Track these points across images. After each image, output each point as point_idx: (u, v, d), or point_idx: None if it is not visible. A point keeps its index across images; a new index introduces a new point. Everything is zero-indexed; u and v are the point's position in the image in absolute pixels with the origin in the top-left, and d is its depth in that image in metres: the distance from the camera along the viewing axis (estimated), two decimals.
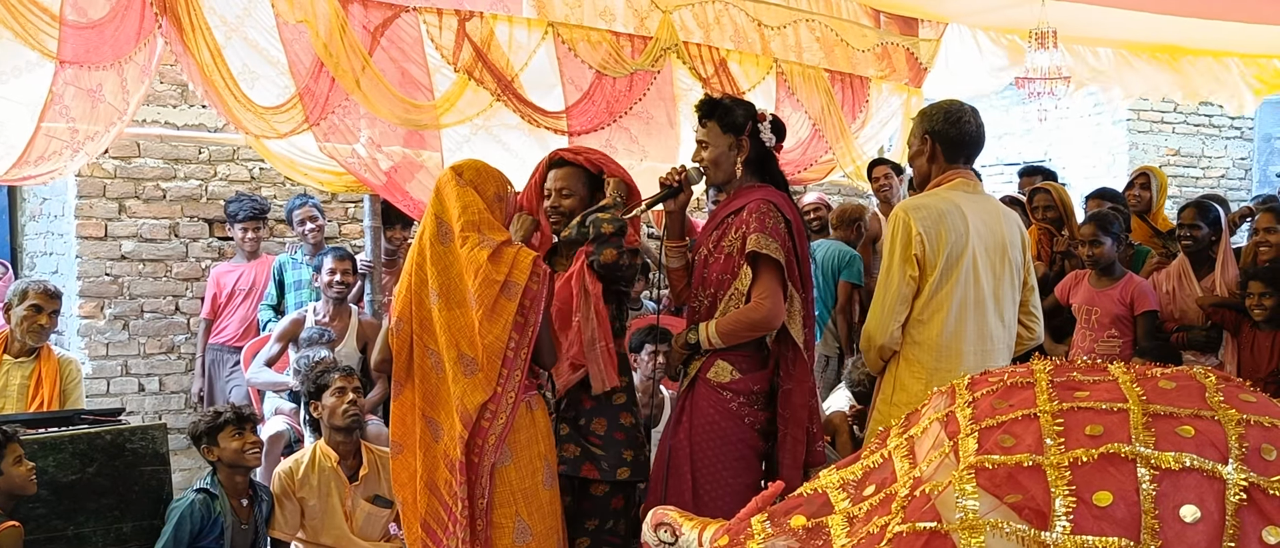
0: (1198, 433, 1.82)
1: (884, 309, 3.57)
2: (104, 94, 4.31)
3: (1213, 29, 7.23)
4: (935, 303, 3.53)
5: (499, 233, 3.48)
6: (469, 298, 3.40)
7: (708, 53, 6.07)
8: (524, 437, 3.48)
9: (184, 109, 6.51)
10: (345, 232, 7.03)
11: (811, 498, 2.17)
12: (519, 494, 3.44)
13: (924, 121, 3.69)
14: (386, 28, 5.00)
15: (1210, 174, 10.94)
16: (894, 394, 3.59)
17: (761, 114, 3.82)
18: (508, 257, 3.42)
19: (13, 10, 3.98)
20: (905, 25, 7.06)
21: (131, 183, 6.49)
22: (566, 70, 5.55)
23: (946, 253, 3.50)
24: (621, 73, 5.67)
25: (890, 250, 3.55)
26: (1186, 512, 1.74)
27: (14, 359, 4.66)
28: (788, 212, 3.72)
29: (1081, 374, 2.03)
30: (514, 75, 5.32)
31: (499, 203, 3.54)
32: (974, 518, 1.80)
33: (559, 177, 3.69)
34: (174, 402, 6.63)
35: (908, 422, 2.19)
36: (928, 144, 3.66)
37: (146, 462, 4.15)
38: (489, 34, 5.24)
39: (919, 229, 3.49)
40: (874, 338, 3.61)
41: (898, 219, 3.55)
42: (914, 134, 3.74)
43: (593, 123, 5.62)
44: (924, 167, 3.71)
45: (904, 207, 3.58)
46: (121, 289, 6.49)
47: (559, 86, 5.55)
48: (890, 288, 3.54)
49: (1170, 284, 5.37)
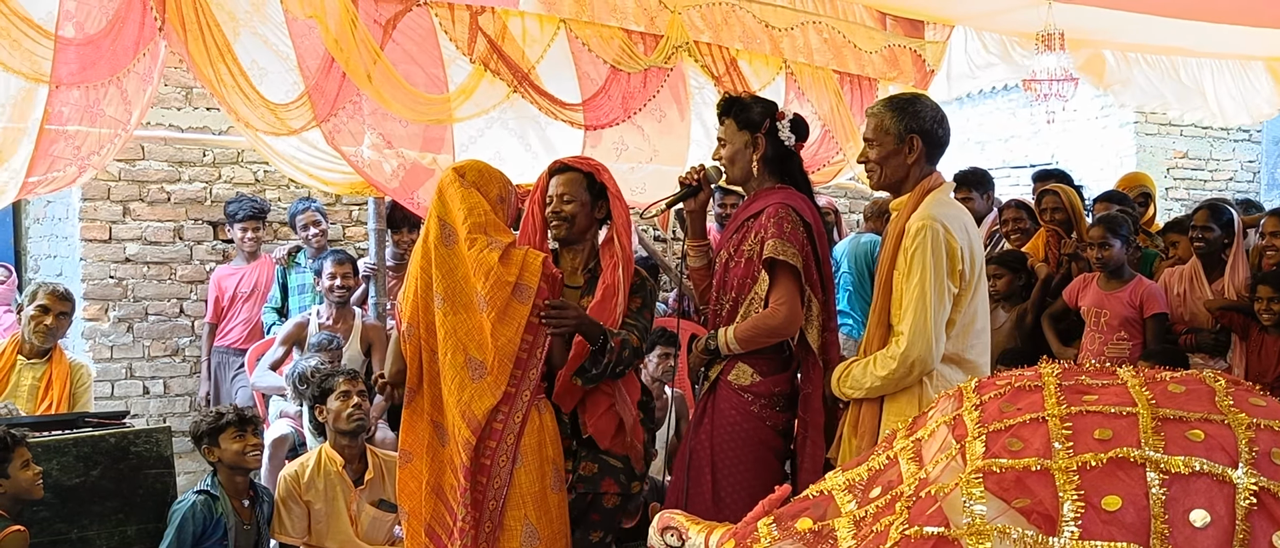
0: (1207, 437, 1.80)
1: (934, 330, 3.25)
2: (103, 108, 4.29)
3: (1220, 32, 7.22)
4: (964, 318, 3.37)
5: (505, 235, 3.48)
6: (476, 301, 3.38)
7: (718, 52, 6.06)
8: (533, 441, 3.46)
9: (188, 111, 6.52)
10: (349, 235, 7.03)
11: (818, 501, 2.16)
12: (528, 498, 3.43)
13: (907, 119, 3.37)
14: (397, 21, 4.97)
15: (1218, 177, 10.92)
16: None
17: (780, 112, 3.78)
18: (517, 258, 3.41)
19: (6, 34, 3.94)
20: (911, 28, 7.04)
21: (136, 186, 6.49)
22: (581, 64, 5.52)
23: (976, 262, 3.36)
24: (635, 68, 5.65)
25: (926, 265, 3.25)
26: (1196, 517, 1.72)
27: (26, 360, 4.70)
28: (807, 215, 3.69)
29: (1090, 378, 2.01)
30: (530, 67, 5.29)
31: (501, 204, 3.54)
32: (981, 523, 1.78)
33: (561, 183, 3.67)
34: (178, 405, 6.63)
35: (914, 425, 2.18)
36: (914, 144, 3.37)
37: (151, 465, 4.15)
38: (502, 27, 5.21)
39: (960, 244, 3.27)
40: (927, 362, 3.27)
41: (935, 233, 3.24)
42: (887, 131, 3.39)
43: (609, 117, 5.59)
44: (903, 168, 3.40)
45: (938, 219, 3.27)
46: (126, 292, 6.50)
47: (574, 80, 5.53)
48: (939, 308, 3.26)
49: (1181, 286, 5.36)
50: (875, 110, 3.47)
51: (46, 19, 4.08)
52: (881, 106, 3.47)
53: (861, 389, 3.40)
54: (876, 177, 3.47)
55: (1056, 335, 5.56)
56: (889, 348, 3.33)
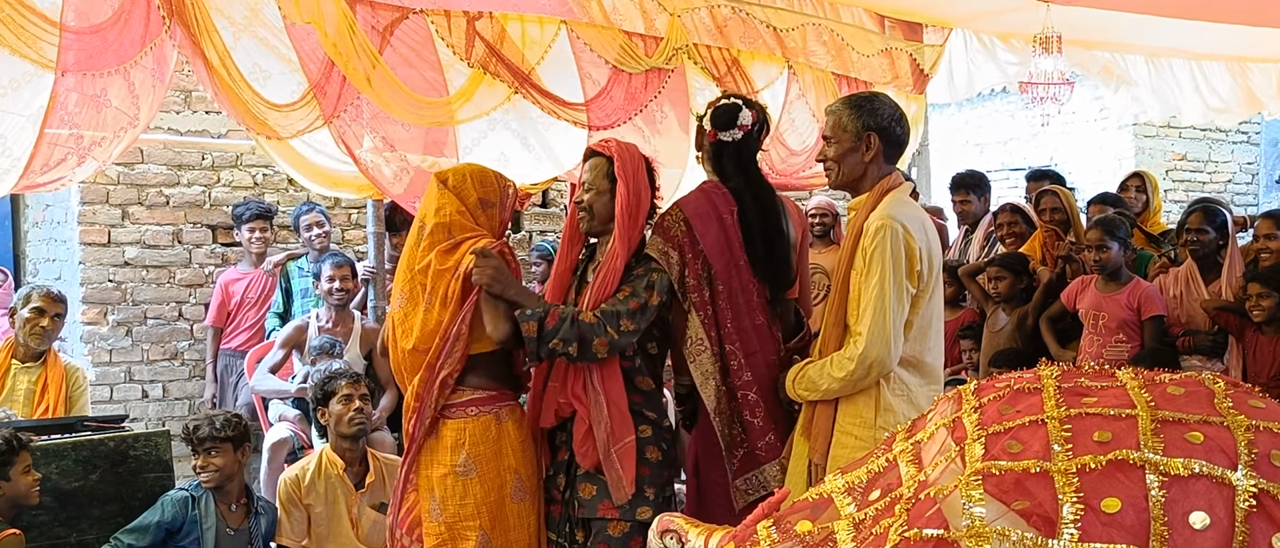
0: (1207, 439, 1.81)
1: (892, 330, 3.20)
2: (109, 99, 4.26)
3: (1216, 32, 7.23)
4: (922, 320, 3.33)
5: (473, 234, 3.43)
6: (421, 295, 3.40)
7: (719, 53, 6.06)
8: (488, 450, 3.40)
9: (187, 115, 6.52)
10: (349, 238, 7.03)
11: (817, 503, 2.16)
12: (483, 507, 3.37)
13: (864, 116, 3.34)
14: (394, 28, 4.98)
15: (1217, 179, 10.94)
16: (877, 417, 3.27)
17: (713, 103, 3.71)
18: (462, 250, 3.39)
19: (9, 21, 3.91)
20: (909, 30, 7.05)
21: (134, 189, 6.49)
22: (583, 65, 5.50)
23: (934, 268, 3.33)
24: (637, 68, 5.64)
25: (885, 265, 3.19)
26: (1196, 519, 1.72)
27: (21, 364, 4.67)
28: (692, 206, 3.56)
29: (1089, 380, 2.01)
30: (531, 68, 5.28)
31: (485, 208, 3.48)
32: (981, 525, 1.78)
33: (585, 170, 3.52)
34: (177, 408, 6.63)
35: (913, 427, 2.18)
36: (871, 142, 3.33)
37: (150, 469, 4.15)
38: (500, 31, 5.21)
39: (918, 245, 3.23)
40: (885, 363, 3.21)
41: (895, 233, 3.20)
42: (845, 129, 3.36)
43: (613, 118, 5.57)
44: (860, 165, 3.36)
45: (896, 219, 3.23)
46: (125, 296, 6.49)
47: (576, 79, 5.50)
48: (898, 309, 3.22)
49: (1178, 288, 5.36)
50: (834, 108, 3.45)
51: (51, 8, 4.04)
52: (840, 104, 3.45)
53: (817, 391, 3.33)
54: (834, 175, 3.44)
55: (1055, 337, 5.56)
56: (847, 349, 3.27)
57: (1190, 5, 6.62)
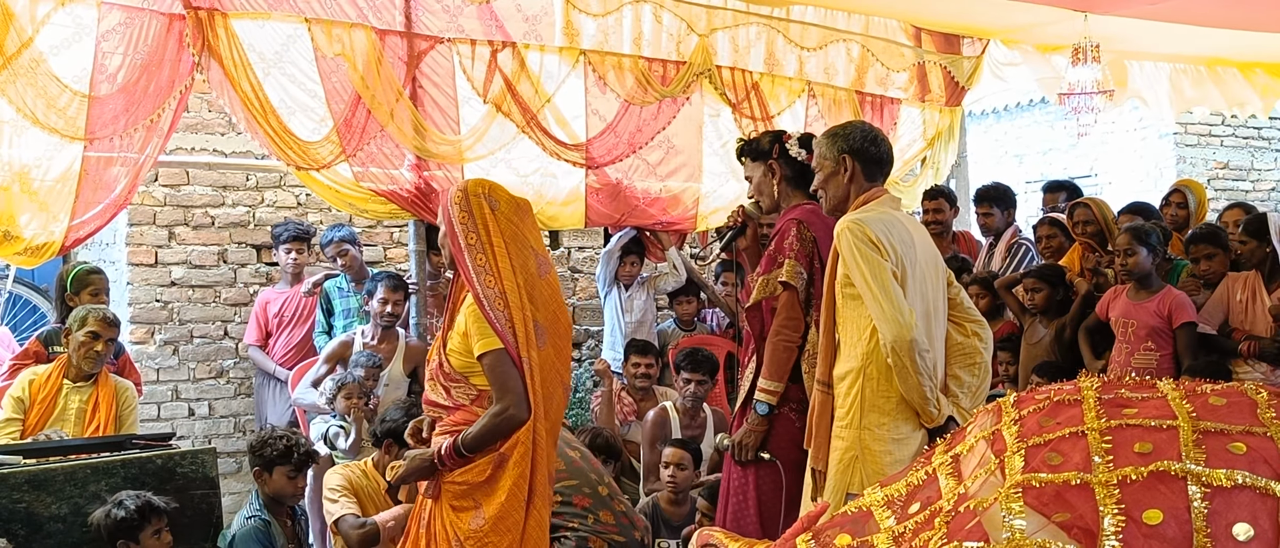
0: (1249, 450, 1.79)
1: (896, 304, 3.27)
2: (133, 149, 4.57)
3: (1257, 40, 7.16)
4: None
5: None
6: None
7: (739, 77, 6.12)
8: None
9: (232, 137, 6.62)
10: (391, 256, 7.09)
11: (856, 517, 2.16)
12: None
13: (838, 142, 3.58)
14: (422, 59, 5.15)
15: (1260, 187, 10.79)
16: (863, 417, 3.35)
17: (786, 135, 4.01)
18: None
19: (41, 95, 4.21)
20: (946, 43, 7.03)
21: (181, 210, 6.60)
22: (592, 101, 5.71)
23: (904, 261, 3.38)
24: (649, 101, 5.77)
25: (857, 260, 3.32)
26: (1239, 530, 1.71)
27: (72, 384, 4.73)
28: (815, 227, 3.83)
29: (1130, 391, 2.00)
30: (539, 107, 5.48)
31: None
32: (1021, 537, 1.78)
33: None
34: (223, 426, 6.72)
35: (953, 439, 2.18)
36: (847, 163, 3.55)
37: (196, 486, 4.20)
38: (519, 65, 5.37)
39: (875, 233, 3.33)
40: (905, 337, 3.24)
41: (852, 231, 3.36)
42: (825, 157, 3.61)
43: (613, 155, 5.78)
44: (843, 187, 3.57)
45: (851, 219, 3.41)
46: (171, 315, 6.59)
47: (583, 117, 5.72)
48: (891, 285, 3.28)
49: (1243, 295, 5.29)
50: (815, 142, 3.74)
51: (80, 77, 4.33)
52: (820, 138, 3.72)
53: (916, 396, 3.33)
54: (825, 201, 3.67)
55: (1090, 348, 5.52)
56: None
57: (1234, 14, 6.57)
